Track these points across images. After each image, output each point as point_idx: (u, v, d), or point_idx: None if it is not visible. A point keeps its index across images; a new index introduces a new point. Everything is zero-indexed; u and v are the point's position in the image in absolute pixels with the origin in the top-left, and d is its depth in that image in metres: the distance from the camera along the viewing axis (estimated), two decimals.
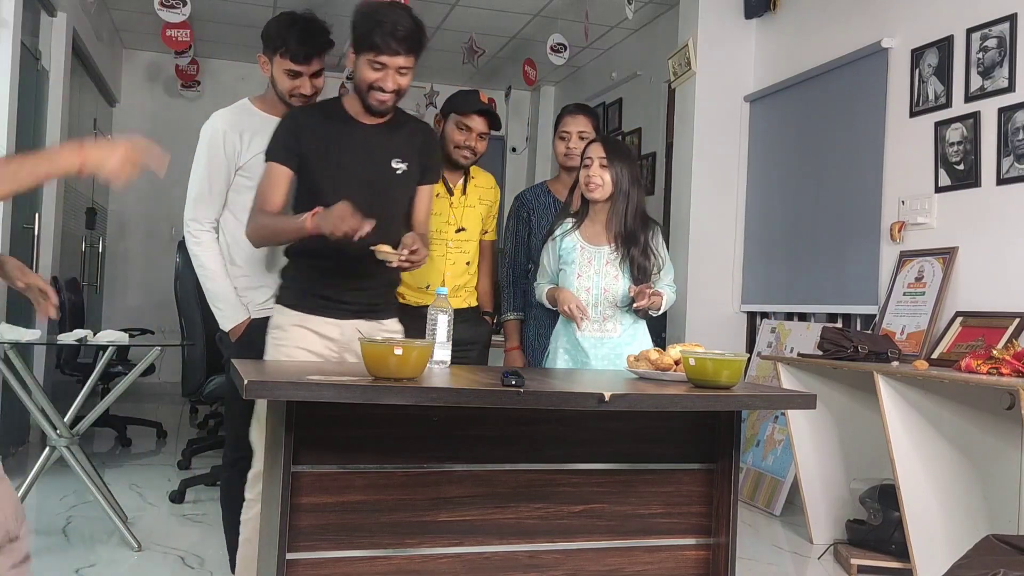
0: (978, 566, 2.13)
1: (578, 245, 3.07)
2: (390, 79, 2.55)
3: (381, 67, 2.54)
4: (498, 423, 2.36)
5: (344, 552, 2.25)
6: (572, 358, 3.08)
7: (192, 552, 3.53)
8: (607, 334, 3.05)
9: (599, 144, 3.05)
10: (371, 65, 2.54)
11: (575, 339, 3.06)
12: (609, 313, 3.04)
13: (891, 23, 4.34)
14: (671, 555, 2.51)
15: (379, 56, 2.52)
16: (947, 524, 3.42)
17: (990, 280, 3.72)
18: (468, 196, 3.36)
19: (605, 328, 3.05)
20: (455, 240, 3.30)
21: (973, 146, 3.80)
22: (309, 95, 2.84)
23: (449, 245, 3.30)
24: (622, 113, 7.25)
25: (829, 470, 4.13)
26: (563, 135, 3.45)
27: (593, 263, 3.05)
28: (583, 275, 3.05)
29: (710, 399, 2.28)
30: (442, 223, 3.30)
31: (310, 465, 2.22)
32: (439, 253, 3.29)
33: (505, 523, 2.37)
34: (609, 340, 3.05)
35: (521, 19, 6.65)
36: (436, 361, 2.46)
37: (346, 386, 2.01)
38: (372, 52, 2.52)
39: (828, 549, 3.94)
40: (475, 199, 3.36)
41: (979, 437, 3.43)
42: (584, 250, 3.06)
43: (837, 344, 3.74)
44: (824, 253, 4.72)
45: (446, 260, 3.29)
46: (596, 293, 3.04)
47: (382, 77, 2.54)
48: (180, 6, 5.68)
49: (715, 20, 5.38)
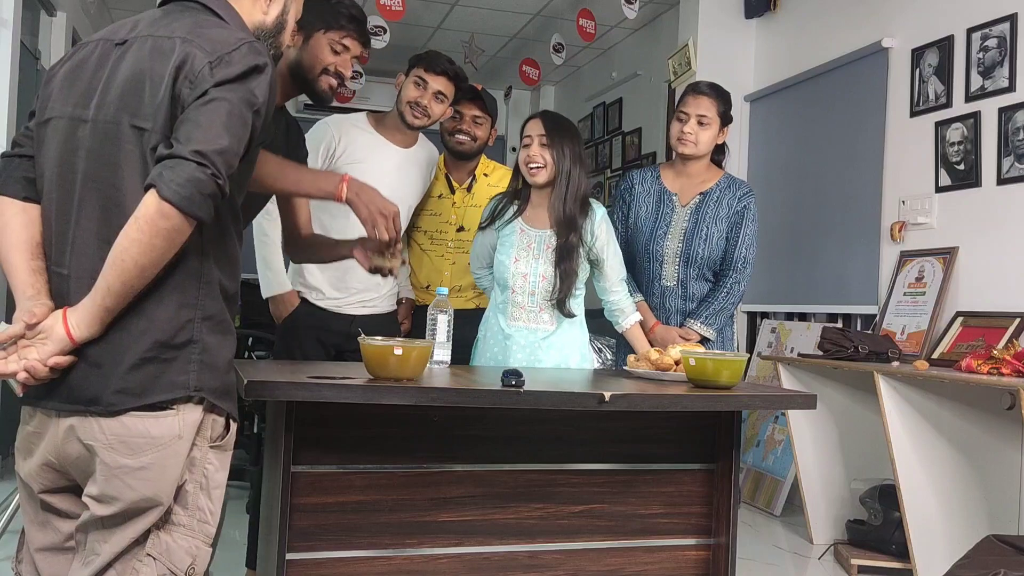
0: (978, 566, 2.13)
1: (517, 227, 2.81)
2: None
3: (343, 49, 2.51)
4: (498, 423, 2.35)
5: (344, 552, 2.25)
6: (499, 348, 2.81)
7: None
8: (541, 325, 2.78)
9: (538, 120, 2.76)
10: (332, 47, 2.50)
11: (501, 327, 2.82)
12: (545, 304, 2.77)
13: (891, 23, 4.34)
14: (671, 555, 2.51)
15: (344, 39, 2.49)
16: (947, 524, 3.42)
17: (990, 280, 3.71)
18: (475, 195, 3.31)
19: (540, 319, 2.78)
20: (455, 240, 3.28)
21: (973, 146, 3.80)
22: (425, 108, 2.97)
23: (449, 245, 3.29)
24: (622, 113, 7.24)
25: (829, 470, 4.13)
26: (681, 116, 3.15)
27: (533, 247, 2.78)
28: (520, 259, 2.78)
29: (710, 399, 2.28)
30: (442, 223, 3.29)
31: (309, 465, 2.22)
32: (438, 253, 3.29)
33: (505, 523, 2.37)
34: (542, 332, 2.78)
35: (521, 19, 6.64)
36: (436, 361, 2.46)
37: (346, 386, 2.00)
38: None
39: (828, 549, 3.94)
40: (484, 197, 3.21)
41: (979, 437, 3.43)
42: (523, 232, 2.79)
43: (837, 344, 3.73)
44: (824, 253, 4.71)
45: (445, 260, 3.28)
46: (533, 280, 2.76)
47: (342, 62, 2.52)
48: None
49: (715, 20, 5.38)
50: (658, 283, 3.18)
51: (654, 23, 6.56)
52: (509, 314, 2.79)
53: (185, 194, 1.35)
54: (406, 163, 3.08)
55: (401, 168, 3.05)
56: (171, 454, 1.44)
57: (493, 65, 7.65)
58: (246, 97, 1.43)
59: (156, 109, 1.42)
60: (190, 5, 1.56)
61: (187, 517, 1.51)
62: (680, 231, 3.16)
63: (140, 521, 1.44)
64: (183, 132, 1.38)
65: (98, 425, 1.41)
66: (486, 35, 6.87)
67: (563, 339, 2.81)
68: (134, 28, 1.54)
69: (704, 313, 3.11)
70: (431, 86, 2.99)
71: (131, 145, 1.44)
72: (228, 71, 1.42)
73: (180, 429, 1.45)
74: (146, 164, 1.42)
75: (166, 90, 1.42)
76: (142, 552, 1.45)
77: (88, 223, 1.46)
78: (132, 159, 1.43)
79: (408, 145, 3.10)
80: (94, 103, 1.48)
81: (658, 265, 3.17)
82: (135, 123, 1.44)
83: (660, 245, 3.16)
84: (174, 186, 1.35)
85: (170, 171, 1.36)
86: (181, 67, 1.42)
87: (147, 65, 1.45)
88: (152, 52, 1.45)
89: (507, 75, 7.76)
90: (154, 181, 1.36)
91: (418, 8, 6.35)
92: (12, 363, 1.41)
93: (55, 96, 1.54)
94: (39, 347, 1.40)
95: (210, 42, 1.44)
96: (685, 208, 3.18)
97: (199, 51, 1.43)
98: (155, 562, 1.47)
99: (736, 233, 3.14)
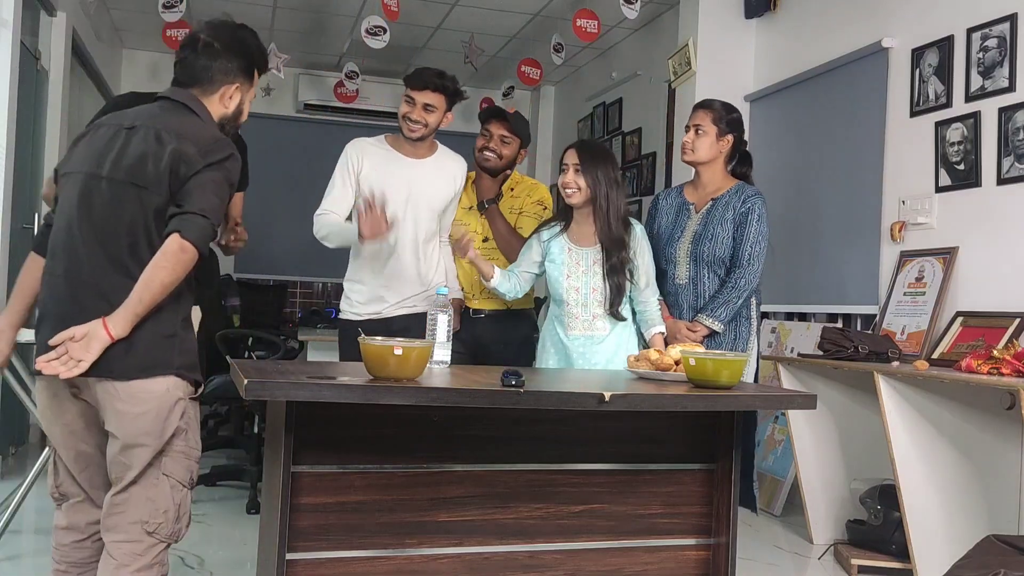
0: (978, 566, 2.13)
1: (566, 247, 3.16)
2: None
3: None
4: (498, 423, 2.36)
5: (344, 552, 2.25)
6: (560, 356, 3.17)
7: (192, 552, 3.53)
8: (596, 332, 3.13)
9: (574, 150, 3.11)
10: None
11: (560, 338, 3.17)
12: (598, 312, 3.12)
13: (891, 23, 4.34)
14: (671, 555, 2.52)
15: None
16: (947, 524, 3.42)
17: (990, 280, 3.71)
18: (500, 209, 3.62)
19: (595, 327, 3.13)
20: (483, 249, 3.53)
21: (973, 146, 3.80)
22: (416, 121, 3.24)
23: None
24: (622, 113, 7.24)
25: (829, 470, 4.13)
26: (685, 128, 3.46)
27: (581, 264, 3.14)
28: (572, 275, 3.14)
29: (710, 399, 2.29)
30: (470, 233, 3.54)
31: (310, 465, 2.22)
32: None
33: (505, 523, 2.38)
34: (598, 338, 3.13)
35: (521, 19, 6.64)
36: (436, 361, 2.46)
37: (346, 386, 2.01)
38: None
39: (828, 549, 3.94)
40: (506, 210, 3.58)
41: (979, 437, 3.43)
42: (572, 252, 3.16)
43: (837, 344, 3.73)
44: (824, 253, 4.71)
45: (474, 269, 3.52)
46: (585, 293, 3.13)
47: None
48: (178, 3, 5.68)
49: (715, 20, 5.38)
50: (672, 282, 3.41)
51: (654, 23, 6.56)
52: (567, 324, 3.16)
53: (199, 237, 1.99)
54: (422, 172, 3.34)
55: (416, 177, 3.32)
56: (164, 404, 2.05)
57: (493, 65, 7.65)
58: (226, 176, 2.09)
59: (158, 178, 2.03)
60: (178, 105, 2.17)
61: (184, 446, 2.09)
62: (691, 234, 3.39)
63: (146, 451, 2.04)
64: (189, 197, 2.01)
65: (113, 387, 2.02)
66: (486, 35, 6.87)
67: (616, 341, 3.15)
68: (138, 117, 2.14)
69: (710, 306, 3.29)
70: (418, 100, 3.28)
71: (131, 197, 2.05)
72: (213, 157, 2.06)
73: (168, 389, 2.05)
74: (141, 209, 2.03)
75: (165, 167, 2.02)
76: (158, 472, 2.06)
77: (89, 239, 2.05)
78: (131, 206, 2.05)
79: (422, 156, 3.37)
80: (107, 166, 2.07)
81: (672, 266, 3.41)
82: (136, 183, 2.04)
83: (674, 248, 3.41)
84: (192, 232, 1.97)
85: (186, 222, 1.98)
86: (177, 154, 2.03)
87: (151, 148, 2.06)
88: (155, 139, 2.07)
89: (507, 75, 7.76)
90: (177, 228, 1.97)
91: (418, 8, 6.35)
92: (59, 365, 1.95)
93: (75, 158, 2.16)
94: (89, 347, 1.94)
95: (196, 138, 2.08)
96: (699, 214, 3.43)
97: (190, 145, 2.05)
98: (167, 478, 2.07)
99: (742, 232, 3.32)
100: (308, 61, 7.75)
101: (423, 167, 3.35)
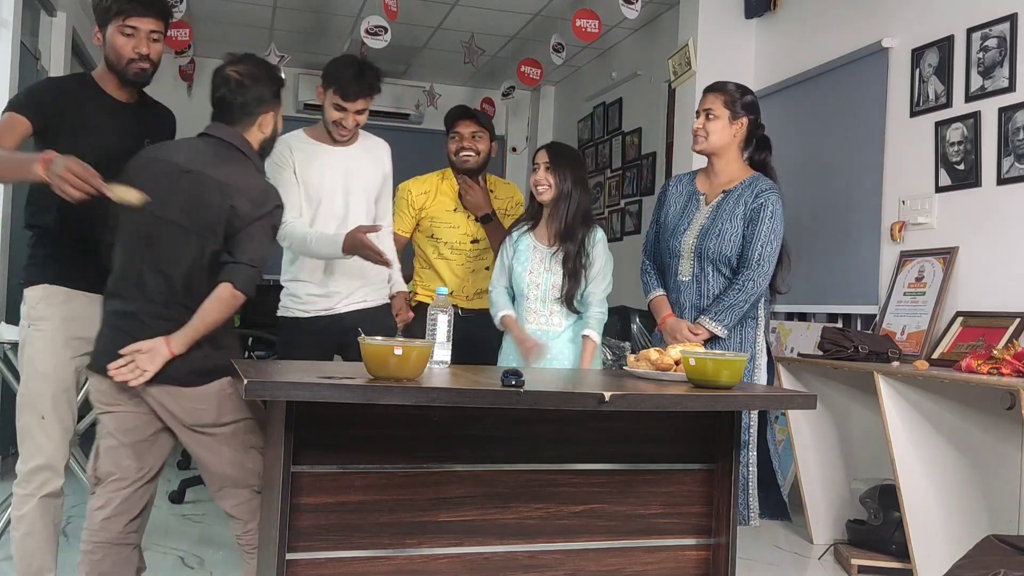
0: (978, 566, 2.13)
1: (532, 244, 3.24)
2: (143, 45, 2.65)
3: (132, 31, 2.63)
4: (498, 423, 2.35)
5: (344, 552, 2.25)
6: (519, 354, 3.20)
7: (192, 552, 3.53)
8: (552, 328, 3.20)
9: (545, 151, 3.21)
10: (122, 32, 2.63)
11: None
12: (556, 308, 3.20)
13: (891, 23, 4.34)
14: (671, 555, 2.52)
15: (128, 20, 2.62)
16: (947, 524, 3.42)
17: (990, 280, 3.71)
18: None
19: (551, 322, 3.21)
20: (473, 250, 3.62)
21: (973, 146, 3.80)
22: (349, 128, 3.19)
23: (468, 255, 3.64)
24: (622, 113, 7.24)
25: (829, 470, 4.13)
26: (696, 114, 3.26)
27: (544, 261, 3.21)
28: (534, 271, 3.21)
29: (710, 399, 2.29)
30: (460, 235, 3.63)
31: (310, 465, 2.22)
32: (458, 262, 3.64)
33: (505, 523, 2.37)
34: (554, 332, 3.19)
35: (521, 19, 6.64)
36: (436, 361, 2.46)
37: (346, 386, 2.01)
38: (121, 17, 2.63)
39: (828, 549, 3.94)
40: None
41: (979, 437, 3.43)
42: (536, 249, 3.23)
43: (837, 344, 3.73)
44: (824, 253, 4.71)
45: (465, 268, 3.63)
46: (544, 289, 3.20)
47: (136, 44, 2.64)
48: (178, 3, 5.67)
49: (715, 20, 5.38)
50: (675, 278, 3.23)
51: (654, 23, 6.56)
52: (525, 318, 3.22)
53: (247, 285, 2.36)
54: (354, 160, 3.28)
55: (350, 168, 3.26)
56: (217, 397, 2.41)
57: (493, 65, 7.65)
58: (273, 223, 2.45)
59: (215, 229, 2.36)
60: (227, 146, 2.46)
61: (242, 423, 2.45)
62: (698, 228, 3.19)
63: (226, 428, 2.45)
64: (240, 247, 2.36)
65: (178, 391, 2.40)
66: (486, 35, 6.87)
67: (570, 336, 3.20)
68: (192, 162, 2.42)
69: (714, 309, 3.10)
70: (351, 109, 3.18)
71: (193, 242, 2.37)
72: (262, 210, 2.40)
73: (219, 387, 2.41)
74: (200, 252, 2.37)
75: (223, 220, 2.36)
76: (237, 441, 2.45)
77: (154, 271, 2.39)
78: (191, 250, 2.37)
79: (348, 143, 3.28)
80: (172, 210, 2.37)
81: (676, 261, 3.22)
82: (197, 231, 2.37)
83: (679, 241, 3.22)
84: (242, 281, 2.34)
85: (238, 272, 2.35)
86: (233, 211, 2.36)
87: (214, 201, 2.36)
88: (211, 189, 2.37)
89: (507, 75, 7.76)
90: (229, 278, 2.33)
91: (418, 8, 6.35)
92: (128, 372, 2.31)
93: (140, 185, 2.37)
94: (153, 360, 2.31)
95: (248, 191, 2.40)
96: (708, 206, 3.22)
97: (245, 202, 2.37)
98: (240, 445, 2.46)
99: (752, 230, 3.12)
100: (308, 61, 7.75)
101: (352, 154, 3.27)
